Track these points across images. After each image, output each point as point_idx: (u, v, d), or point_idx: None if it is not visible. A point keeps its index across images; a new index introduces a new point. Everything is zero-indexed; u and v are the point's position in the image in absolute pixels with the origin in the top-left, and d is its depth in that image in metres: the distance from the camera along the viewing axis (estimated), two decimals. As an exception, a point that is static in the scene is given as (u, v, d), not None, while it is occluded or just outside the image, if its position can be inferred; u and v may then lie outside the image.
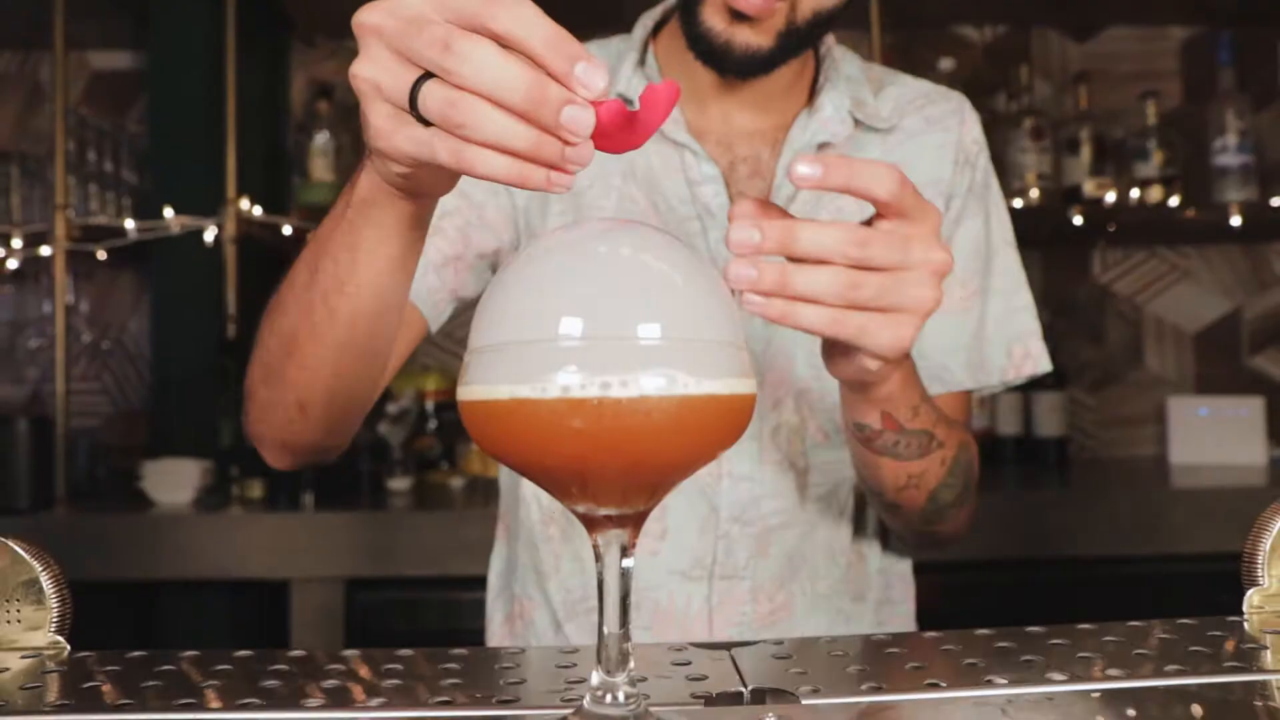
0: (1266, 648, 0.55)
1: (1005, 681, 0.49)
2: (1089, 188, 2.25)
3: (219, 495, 2.09)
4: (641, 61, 0.97)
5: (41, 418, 2.12)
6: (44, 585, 0.58)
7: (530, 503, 0.99)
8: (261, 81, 2.41)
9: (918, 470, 0.81)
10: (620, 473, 0.42)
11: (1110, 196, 2.22)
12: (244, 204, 2.17)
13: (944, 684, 0.49)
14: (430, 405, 2.39)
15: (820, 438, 0.94)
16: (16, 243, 2.16)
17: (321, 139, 2.34)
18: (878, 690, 0.49)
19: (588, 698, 0.44)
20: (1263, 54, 2.58)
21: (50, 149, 2.42)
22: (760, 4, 0.83)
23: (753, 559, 0.90)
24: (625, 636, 0.44)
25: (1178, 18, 2.61)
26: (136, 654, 0.57)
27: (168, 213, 2.13)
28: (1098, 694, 0.47)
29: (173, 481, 2.04)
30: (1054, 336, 2.51)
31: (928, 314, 0.62)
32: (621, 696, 0.43)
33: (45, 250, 2.12)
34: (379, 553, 1.91)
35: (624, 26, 1.02)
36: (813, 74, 0.99)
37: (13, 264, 2.19)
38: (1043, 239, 2.47)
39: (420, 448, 2.35)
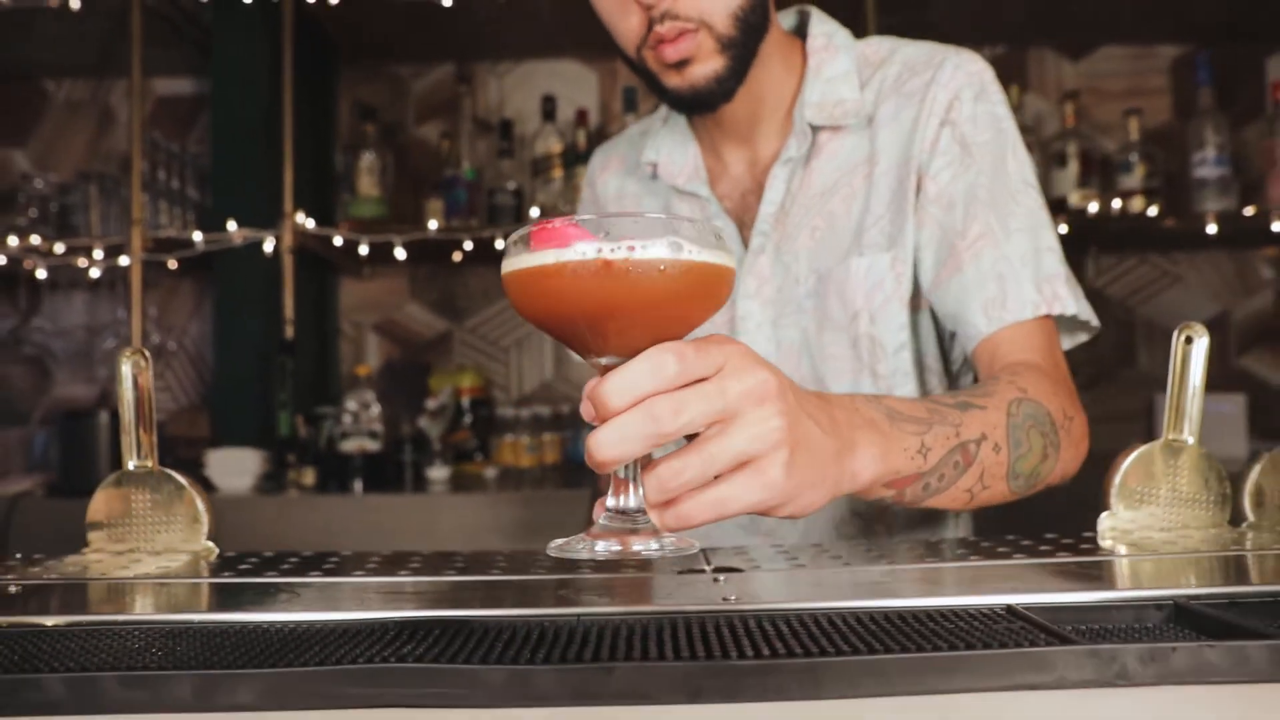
0: (1108, 555, 0.74)
1: (889, 561, 0.68)
2: (1075, 199, 2.42)
3: (276, 481, 2.31)
4: (666, 119, 1.14)
5: (118, 412, 2.35)
6: (198, 505, 0.79)
7: None
8: (312, 105, 2.64)
9: (971, 481, 0.76)
10: (635, 318, 0.53)
11: (1093, 207, 2.39)
12: (299, 217, 2.39)
13: (850, 563, 0.68)
14: (466, 401, 2.59)
15: None
16: (98, 254, 2.39)
17: (368, 157, 2.56)
18: (800, 566, 0.68)
19: (604, 516, 0.57)
20: (1250, 70, 2.74)
21: (120, 168, 2.67)
22: (670, 52, 0.94)
23: (781, 523, 1.07)
24: (635, 472, 0.56)
25: (1167, 37, 2.77)
26: (269, 553, 0.78)
27: (231, 225, 2.36)
28: (950, 567, 0.66)
29: (234, 469, 2.26)
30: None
31: (781, 445, 0.56)
32: (633, 503, 0.56)
33: (124, 260, 2.35)
34: (421, 531, 2.12)
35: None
36: (799, 84, 1.06)
37: (95, 273, 2.42)
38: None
39: (457, 440, 2.56)
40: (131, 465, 0.79)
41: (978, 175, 0.97)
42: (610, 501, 0.56)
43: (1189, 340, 0.80)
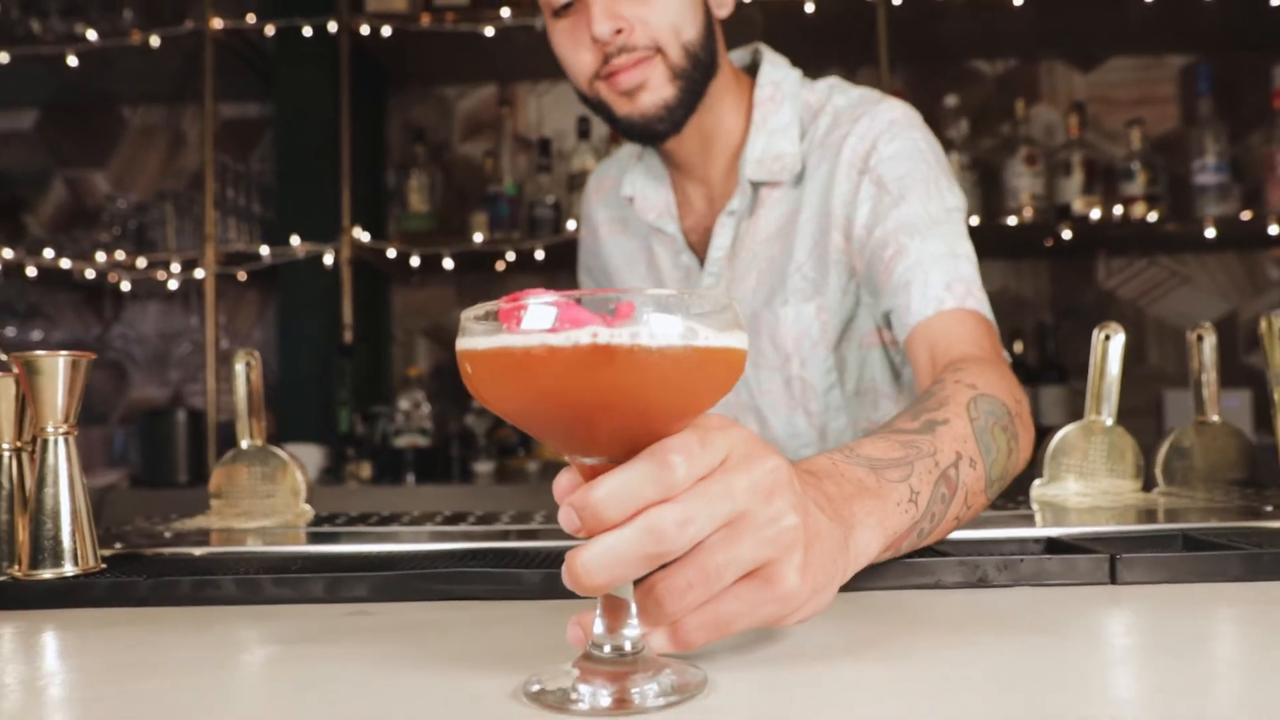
0: (1027, 510, 0.90)
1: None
2: (1078, 206, 2.56)
3: (336, 474, 2.53)
4: (641, 155, 1.19)
5: (194, 410, 2.59)
6: (297, 475, 0.98)
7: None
8: (365, 127, 2.85)
9: (958, 508, 0.68)
10: (636, 415, 0.43)
11: (1095, 213, 2.53)
12: (356, 232, 2.60)
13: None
14: (509, 400, 2.78)
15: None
16: (175, 267, 2.62)
17: (417, 175, 2.77)
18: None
19: (591, 646, 0.46)
20: (1256, 78, 2.85)
21: (190, 187, 2.91)
22: (625, 79, 0.98)
23: None
24: (629, 593, 0.46)
25: (1175, 48, 2.89)
26: (356, 514, 0.97)
27: (294, 240, 2.58)
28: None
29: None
30: (1060, 337, 2.84)
31: (795, 546, 0.47)
32: (627, 638, 0.46)
33: (199, 273, 2.58)
34: (469, 519, 2.31)
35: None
36: (746, 128, 1.09)
37: (173, 285, 2.66)
38: (1048, 251, 2.78)
39: (501, 437, 2.75)
40: (244, 444, 0.99)
41: (892, 207, 1.00)
42: (598, 630, 0.46)
43: (1107, 338, 0.97)
